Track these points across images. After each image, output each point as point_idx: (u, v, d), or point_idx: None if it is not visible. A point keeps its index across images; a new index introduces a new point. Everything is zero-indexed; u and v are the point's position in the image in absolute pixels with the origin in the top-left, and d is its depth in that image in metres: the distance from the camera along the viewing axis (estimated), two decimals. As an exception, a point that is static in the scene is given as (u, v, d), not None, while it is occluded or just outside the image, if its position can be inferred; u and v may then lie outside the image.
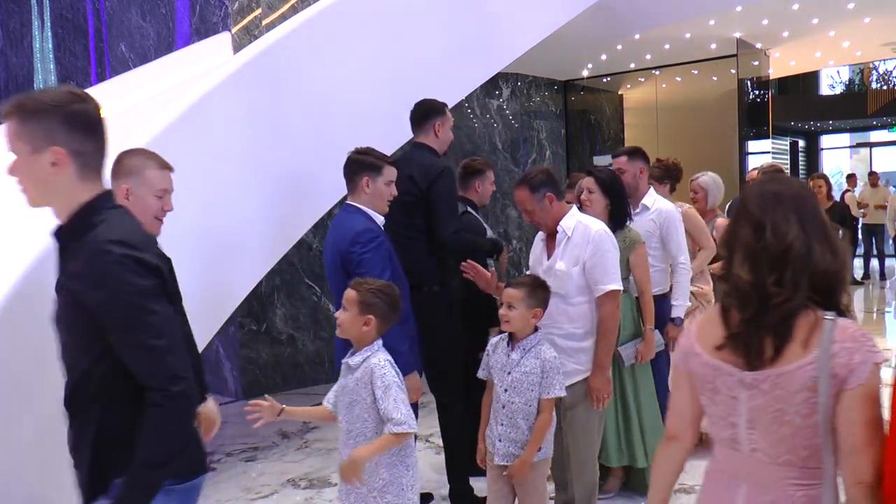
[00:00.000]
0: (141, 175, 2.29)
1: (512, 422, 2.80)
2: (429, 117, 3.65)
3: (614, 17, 6.88)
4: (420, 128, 3.68)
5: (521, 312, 2.77)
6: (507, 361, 2.82)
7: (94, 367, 1.67)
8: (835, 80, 18.71)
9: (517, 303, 2.76)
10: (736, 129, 8.65)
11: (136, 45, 6.62)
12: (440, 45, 4.58)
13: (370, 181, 3.07)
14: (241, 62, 3.66)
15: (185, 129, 3.28)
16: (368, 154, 3.13)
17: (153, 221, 2.29)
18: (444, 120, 3.68)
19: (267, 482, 4.22)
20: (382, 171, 3.09)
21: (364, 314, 2.46)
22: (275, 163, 3.74)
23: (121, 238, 1.64)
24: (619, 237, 3.41)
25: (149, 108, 4.21)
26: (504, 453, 2.81)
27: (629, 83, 10.41)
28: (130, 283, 1.61)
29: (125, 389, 1.64)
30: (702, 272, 4.37)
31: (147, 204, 2.28)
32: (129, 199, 2.25)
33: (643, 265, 3.58)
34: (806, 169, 17.44)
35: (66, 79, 7.40)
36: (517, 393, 2.78)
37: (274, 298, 6.15)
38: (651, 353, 3.62)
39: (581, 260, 3.00)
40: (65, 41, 7.41)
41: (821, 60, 10.56)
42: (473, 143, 8.08)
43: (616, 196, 3.53)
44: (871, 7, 7.25)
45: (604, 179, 3.53)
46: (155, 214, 2.30)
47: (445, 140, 3.72)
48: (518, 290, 2.78)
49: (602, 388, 3.05)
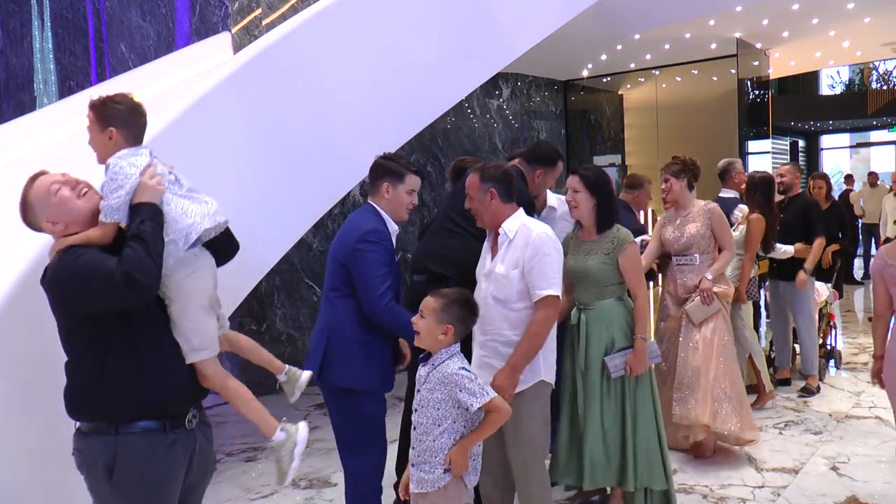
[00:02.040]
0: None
1: (421, 444, 2.53)
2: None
3: (614, 17, 6.88)
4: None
5: (428, 324, 2.50)
6: (417, 378, 2.58)
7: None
8: (835, 80, 18.71)
9: (429, 313, 2.51)
10: (736, 129, 8.64)
11: (136, 45, 6.62)
12: (440, 46, 4.58)
13: (391, 187, 3.03)
14: (241, 62, 3.66)
15: (185, 129, 3.28)
16: (393, 160, 3.11)
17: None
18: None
19: (267, 482, 4.22)
20: (405, 179, 3.04)
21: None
22: (275, 163, 3.74)
23: None
24: (608, 238, 3.33)
25: (149, 108, 4.20)
26: (417, 479, 2.53)
27: (629, 83, 10.41)
28: None
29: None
30: (722, 274, 4.32)
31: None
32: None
33: (635, 267, 3.35)
34: (806, 169, 17.44)
35: (66, 79, 7.40)
36: (424, 412, 2.52)
37: (274, 298, 6.15)
38: (642, 365, 3.31)
39: (520, 263, 2.87)
40: (65, 41, 7.41)
41: (821, 60, 10.56)
42: (473, 143, 8.08)
43: (603, 195, 3.35)
44: (871, 7, 7.25)
45: (589, 177, 3.34)
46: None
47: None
48: (435, 301, 2.53)
49: (506, 387, 2.81)
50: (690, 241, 4.28)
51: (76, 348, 2.12)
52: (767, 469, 4.15)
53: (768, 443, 4.55)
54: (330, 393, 3.06)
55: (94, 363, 2.11)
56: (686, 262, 4.32)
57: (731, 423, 4.09)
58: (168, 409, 2.17)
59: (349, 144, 4.11)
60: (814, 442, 4.55)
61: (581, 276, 3.37)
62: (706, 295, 4.18)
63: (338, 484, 4.15)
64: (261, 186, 3.68)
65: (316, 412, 5.55)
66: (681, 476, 4.05)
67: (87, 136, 2.25)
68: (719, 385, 4.11)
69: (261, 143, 3.66)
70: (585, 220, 3.38)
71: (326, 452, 4.67)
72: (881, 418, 4.95)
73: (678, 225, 4.35)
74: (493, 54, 5.05)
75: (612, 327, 3.33)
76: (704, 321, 4.20)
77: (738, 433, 4.14)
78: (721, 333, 4.20)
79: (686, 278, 4.31)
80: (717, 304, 4.20)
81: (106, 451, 2.11)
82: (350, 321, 2.93)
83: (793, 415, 5.10)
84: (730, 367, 4.19)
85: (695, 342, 4.19)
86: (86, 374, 2.11)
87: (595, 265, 3.32)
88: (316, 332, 3.08)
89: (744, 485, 3.94)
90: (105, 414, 2.12)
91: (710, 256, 4.32)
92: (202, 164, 3.36)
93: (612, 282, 3.35)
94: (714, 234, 4.30)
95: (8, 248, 2.77)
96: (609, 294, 3.36)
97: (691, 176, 4.37)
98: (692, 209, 4.35)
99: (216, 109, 3.45)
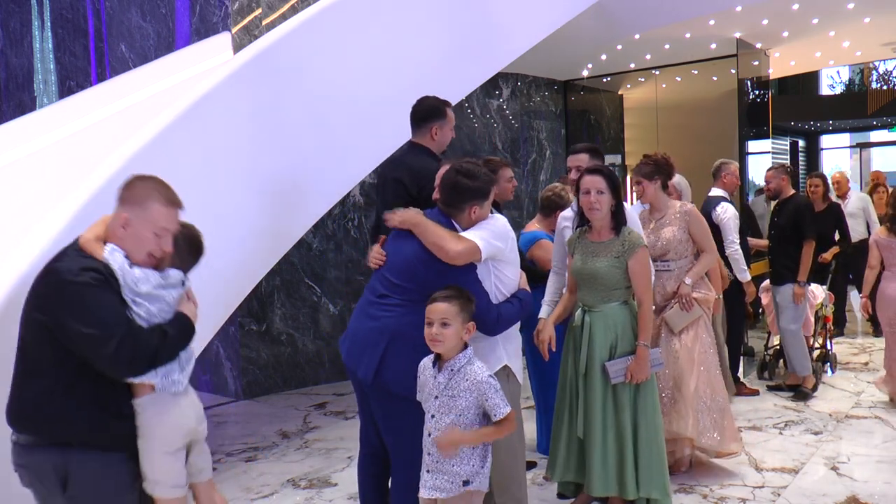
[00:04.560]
0: (144, 207, 2.16)
1: (440, 451, 2.51)
2: (427, 120, 3.60)
3: (614, 17, 6.87)
4: (418, 128, 3.65)
5: (455, 330, 2.48)
6: (433, 384, 2.55)
7: None
8: (835, 80, 18.71)
9: (453, 318, 2.48)
10: (736, 129, 8.63)
11: (136, 45, 6.62)
12: (440, 45, 4.58)
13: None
14: (241, 62, 3.66)
15: (185, 129, 3.28)
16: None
17: (145, 258, 2.18)
18: (444, 122, 3.63)
19: (267, 482, 4.22)
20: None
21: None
22: (275, 162, 3.74)
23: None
24: (619, 240, 3.27)
25: (149, 108, 4.20)
26: (431, 485, 2.51)
27: (629, 83, 10.39)
28: None
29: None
30: (702, 278, 4.12)
31: (142, 239, 2.16)
32: (126, 229, 2.16)
33: (645, 272, 3.27)
34: (806, 169, 17.43)
35: (66, 79, 7.40)
36: (443, 419, 2.49)
37: (274, 298, 6.15)
38: (643, 372, 3.24)
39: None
40: (65, 41, 7.41)
41: (821, 60, 10.53)
42: (473, 143, 8.08)
43: (619, 195, 3.29)
44: (871, 7, 7.24)
45: (613, 178, 3.27)
46: (149, 251, 2.18)
47: (443, 142, 3.67)
48: (451, 305, 2.49)
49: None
50: (667, 246, 4.06)
51: (46, 359, 2.07)
52: (767, 469, 4.14)
53: (768, 443, 4.55)
54: (387, 398, 2.83)
55: (65, 381, 2.06)
56: (663, 267, 4.07)
57: (710, 436, 3.92)
58: (132, 440, 2.16)
59: (349, 144, 4.11)
60: (814, 442, 4.55)
61: (589, 278, 3.30)
62: (685, 301, 3.99)
63: (338, 484, 4.15)
64: (261, 186, 3.68)
65: (316, 412, 5.55)
66: (681, 476, 4.04)
67: (87, 135, 2.25)
68: (700, 397, 3.93)
69: (261, 143, 3.66)
70: (601, 221, 3.30)
71: (326, 452, 4.67)
72: (881, 418, 4.95)
73: (653, 229, 4.12)
74: (493, 54, 5.05)
75: (617, 331, 3.27)
76: (684, 328, 4.02)
77: (717, 446, 3.98)
78: (702, 341, 4.02)
79: (664, 284, 4.07)
80: (698, 310, 4.03)
81: (57, 464, 2.06)
82: (416, 325, 2.66)
83: (793, 415, 5.10)
84: (711, 376, 4.00)
85: (674, 351, 4.01)
86: (54, 388, 2.06)
87: (604, 267, 3.26)
88: (367, 331, 2.85)
89: (744, 485, 3.94)
90: (63, 433, 2.07)
91: (687, 261, 4.10)
92: (202, 164, 3.36)
93: (619, 285, 3.29)
94: (692, 237, 4.08)
95: (8, 249, 2.77)
96: (616, 297, 3.30)
97: (665, 176, 4.15)
98: (667, 212, 4.13)
99: (216, 109, 3.45)
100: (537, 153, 9.11)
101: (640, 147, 10.33)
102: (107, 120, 4.48)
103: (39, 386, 2.08)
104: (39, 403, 2.08)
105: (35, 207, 3.28)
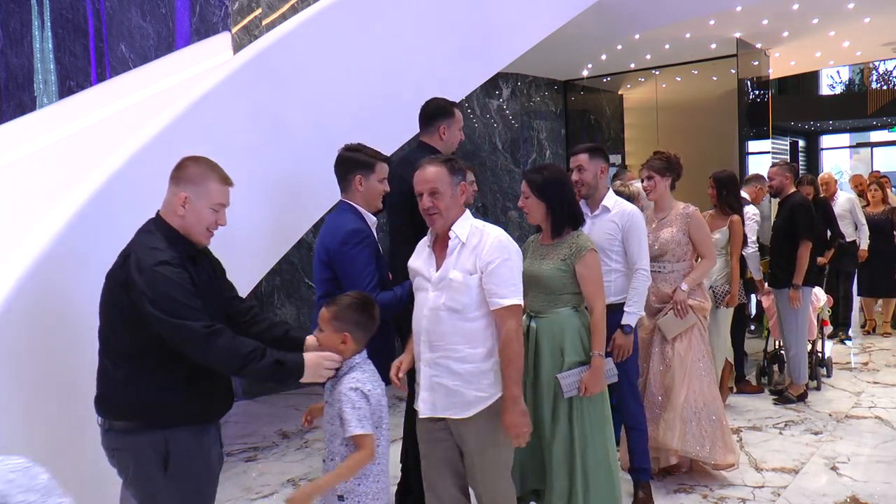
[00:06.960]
0: (202, 186, 2.33)
1: (332, 460, 2.45)
2: (435, 119, 3.56)
3: (614, 17, 6.88)
4: (426, 128, 3.62)
5: (327, 336, 2.42)
6: (325, 390, 2.54)
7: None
8: (835, 80, 18.72)
9: (323, 324, 2.43)
10: (736, 129, 8.63)
11: (136, 45, 6.62)
12: (440, 45, 4.58)
13: (363, 179, 3.03)
14: (241, 62, 3.66)
15: (185, 129, 3.28)
16: (360, 151, 3.08)
17: (204, 233, 2.35)
18: (452, 122, 3.58)
19: (267, 482, 4.22)
20: (375, 169, 3.05)
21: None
22: (275, 162, 3.74)
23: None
24: (566, 243, 3.08)
25: (149, 108, 4.20)
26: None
27: (629, 83, 10.40)
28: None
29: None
30: (699, 285, 4.01)
31: (202, 215, 2.32)
32: (186, 207, 2.30)
33: (594, 277, 3.04)
34: (806, 169, 17.44)
35: (66, 79, 7.40)
36: (330, 427, 2.45)
37: (274, 298, 6.15)
38: (598, 384, 3.00)
39: (479, 268, 2.58)
40: (65, 41, 7.41)
41: (821, 60, 10.55)
42: (473, 143, 8.08)
43: (554, 198, 3.07)
44: (871, 7, 7.24)
45: (536, 181, 3.07)
46: (207, 226, 2.35)
47: (452, 141, 3.62)
48: (327, 310, 2.43)
49: (518, 424, 2.54)
50: (664, 247, 3.96)
51: (129, 348, 2.19)
52: (767, 469, 4.15)
53: (768, 443, 4.55)
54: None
55: (148, 366, 2.19)
56: (658, 268, 3.95)
57: (700, 446, 3.82)
58: (212, 414, 2.34)
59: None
60: (814, 442, 4.55)
61: (533, 282, 3.07)
62: (680, 308, 3.89)
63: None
64: (261, 186, 3.68)
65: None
66: (681, 476, 4.04)
67: (87, 135, 2.31)
68: (690, 406, 3.83)
69: (260, 143, 3.66)
70: (542, 225, 3.17)
71: (326, 452, 4.67)
72: (881, 418, 4.95)
73: (653, 228, 4.00)
74: (493, 54, 5.05)
75: (563, 339, 3.04)
76: (678, 336, 3.92)
77: (707, 458, 3.87)
78: (696, 350, 3.90)
79: (660, 286, 3.97)
80: (693, 317, 3.91)
81: (156, 445, 2.18)
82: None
83: (793, 415, 5.10)
84: (704, 386, 3.89)
85: (667, 359, 3.93)
86: (140, 375, 2.18)
87: (548, 271, 3.07)
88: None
89: (744, 485, 3.94)
90: (153, 415, 2.20)
91: (686, 264, 3.99)
92: (202, 164, 3.35)
93: (566, 290, 3.07)
94: (692, 240, 3.96)
95: (8, 249, 2.77)
96: (563, 303, 3.08)
97: (675, 175, 4.04)
98: (670, 212, 4.02)
99: (216, 109, 3.45)
100: (537, 153, 9.11)
101: (640, 147, 10.34)
102: (107, 120, 4.48)
103: (127, 371, 2.20)
104: (132, 389, 2.19)
105: (35, 207, 3.28)
